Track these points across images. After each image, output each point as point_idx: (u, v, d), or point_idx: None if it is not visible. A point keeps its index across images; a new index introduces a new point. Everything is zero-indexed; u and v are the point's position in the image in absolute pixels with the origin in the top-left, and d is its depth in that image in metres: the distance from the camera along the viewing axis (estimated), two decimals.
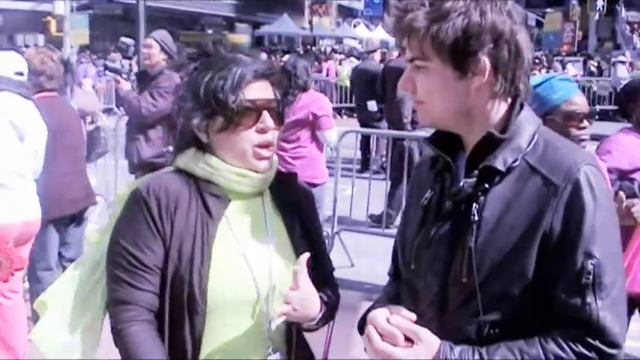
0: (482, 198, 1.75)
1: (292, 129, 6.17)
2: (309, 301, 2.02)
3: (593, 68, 22.31)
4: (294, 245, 2.13)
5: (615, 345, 1.68)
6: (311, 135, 6.37)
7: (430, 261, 1.83)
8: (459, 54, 1.70)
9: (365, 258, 7.10)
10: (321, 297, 2.08)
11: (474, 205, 1.74)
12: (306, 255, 2.01)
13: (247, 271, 2.02)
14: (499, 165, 1.74)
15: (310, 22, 43.18)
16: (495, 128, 1.78)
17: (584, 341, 1.66)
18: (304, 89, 6.29)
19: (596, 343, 1.66)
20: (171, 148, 6.06)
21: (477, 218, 1.74)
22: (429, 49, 1.73)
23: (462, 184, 1.78)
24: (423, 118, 1.85)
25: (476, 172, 1.76)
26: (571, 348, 1.67)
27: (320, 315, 2.08)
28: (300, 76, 6.28)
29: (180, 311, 1.96)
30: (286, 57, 25.93)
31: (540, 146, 1.77)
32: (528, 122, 1.80)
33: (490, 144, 1.76)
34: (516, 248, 1.70)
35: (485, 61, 1.71)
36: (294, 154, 6.29)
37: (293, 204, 2.19)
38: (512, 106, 1.80)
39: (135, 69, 18.75)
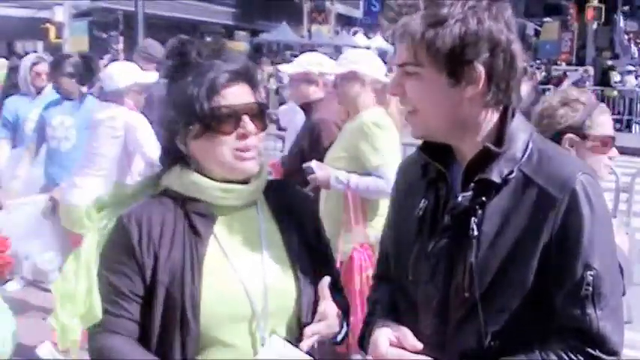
0: (480, 212, 1.74)
1: None
2: (335, 324, 2.02)
3: (616, 79, 22.27)
4: (290, 256, 2.07)
5: (614, 353, 1.68)
6: None
7: (429, 274, 1.82)
8: (455, 62, 1.68)
9: None
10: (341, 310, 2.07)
11: (473, 219, 1.73)
12: (326, 280, 2.00)
13: (241, 289, 1.97)
14: (495, 177, 1.73)
15: (309, 31, 43.19)
16: (488, 137, 1.76)
17: (584, 352, 1.67)
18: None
19: (597, 352, 1.66)
20: None
21: (476, 233, 1.73)
22: (423, 56, 1.70)
23: (459, 198, 1.76)
24: (416, 129, 1.82)
25: (472, 184, 1.75)
26: (571, 359, 1.67)
27: (343, 330, 2.08)
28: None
29: (171, 334, 1.92)
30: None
31: (535, 156, 1.75)
32: (521, 131, 1.78)
33: (486, 156, 1.75)
34: (516, 261, 1.70)
35: (481, 70, 1.69)
36: None
37: (290, 211, 2.13)
38: (504, 115, 1.78)
39: None
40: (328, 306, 2.00)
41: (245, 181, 2.04)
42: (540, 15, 42.29)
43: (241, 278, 1.97)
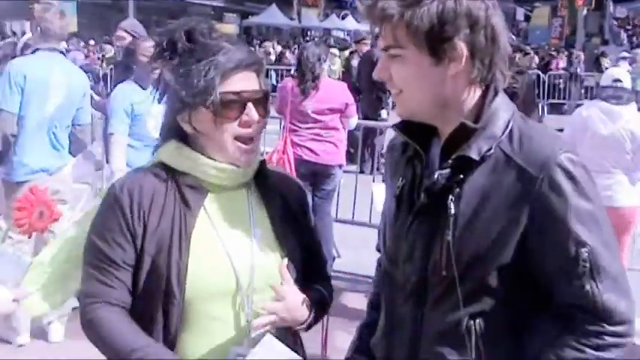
0: (457, 189, 1.74)
1: (329, 115, 6.64)
2: (297, 307, 2.02)
3: (606, 64, 22.18)
4: (278, 238, 2.09)
5: (624, 322, 1.69)
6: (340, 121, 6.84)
7: (408, 253, 1.83)
8: (435, 40, 1.69)
9: (351, 249, 7.11)
10: (312, 296, 2.08)
11: (450, 197, 1.74)
12: (285, 262, 2.02)
13: (227, 263, 1.99)
14: (473, 154, 1.73)
15: (298, 13, 43.00)
16: (469, 116, 1.77)
17: (595, 332, 1.67)
18: (317, 77, 6.60)
19: (606, 327, 1.67)
20: None
21: (453, 211, 1.73)
22: (404, 37, 1.71)
23: (436, 175, 1.77)
24: (401, 109, 1.84)
25: (450, 162, 1.75)
26: (587, 345, 1.67)
27: (310, 318, 2.07)
28: (316, 65, 6.59)
29: (154, 303, 1.95)
30: (279, 48, 25.83)
31: (515, 135, 1.75)
32: (503, 109, 1.78)
33: (464, 133, 1.75)
34: (495, 240, 1.71)
35: (462, 46, 1.70)
36: (337, 140, 6.73)
37: (280, 196, 2.15)
38: (485, 93, 1.79)
39: None
40: (288, 289, 2.01)
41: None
42: (531, 0, 42.24)
43: (229, 253, 2.00)
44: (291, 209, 2.17)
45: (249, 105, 2.00)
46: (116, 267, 1.97)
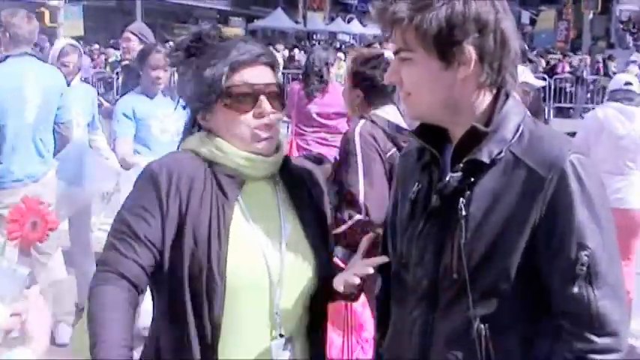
0: (468, 192, 1.74)
1: (335, 119, 6.56)
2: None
3: (613, 68, 22.08)
4: (305, 229, 2.12)
5: (614, 333, 1.67)
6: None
7: (419, 256, 1.83)
8: (444, 44, 1.69)
9: None
10: None
11: (461, 199, 1.74)
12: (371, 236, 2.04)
13: (262, 261, 2.01)
14: (484, 157, 1.73)
15: (304, 17, 43.10)
16: (481, 119, 1.77)
17: (582, 337, 1.66)
18: (324, 82, 6.57)
19: (595, 341, 1.66)
20: None
21: (464, 213, 1.73)
22: (413, 40, 1.72)
23: (448, 178, 1.77)
24: (411, 111, 1.85)
25: (461, 165, 1.75)
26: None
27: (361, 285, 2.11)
28: (323, 70, 6.58)
29: (199, 294, 1.95)
30: (286, 51, 25.87)
31: (525, 137, 1.75)
32: (514, 113, 1.78)
33: (475, 137, 1.75)
34: (505, 242, 1.71)
35: (471, 50, 1.70)
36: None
37: (303, 187, 2.19)
38: (497, 97, 1.79)
39: None
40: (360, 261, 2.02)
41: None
42: (536, 3, 42.24)
43: (263, 250, 2.02)
44: (316, 203, 2.20)
45: (262, 97, 2.03)
46: (136, 239, 1.95)
